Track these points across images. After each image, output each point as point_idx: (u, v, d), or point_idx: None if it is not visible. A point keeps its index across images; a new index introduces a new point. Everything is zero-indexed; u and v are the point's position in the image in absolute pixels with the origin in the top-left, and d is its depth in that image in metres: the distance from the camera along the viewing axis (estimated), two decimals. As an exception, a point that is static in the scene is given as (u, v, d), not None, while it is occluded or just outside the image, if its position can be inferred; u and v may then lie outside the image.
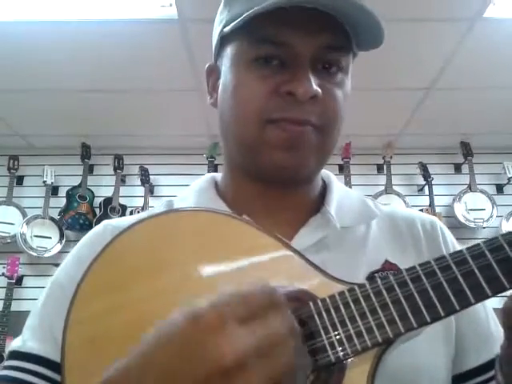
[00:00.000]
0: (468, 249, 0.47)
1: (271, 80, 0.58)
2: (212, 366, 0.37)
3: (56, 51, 2.31)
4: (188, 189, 0.71)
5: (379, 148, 3.20)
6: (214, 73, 0.68)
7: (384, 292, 0.47)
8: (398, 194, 3.17)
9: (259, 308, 0.41)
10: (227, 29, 0.60)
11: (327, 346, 0.46)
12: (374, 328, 0.46)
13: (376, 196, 3.16)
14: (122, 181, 3.24)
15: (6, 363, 0.61)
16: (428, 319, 0.46)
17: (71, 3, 2.04)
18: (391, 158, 3.19)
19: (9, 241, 3.07)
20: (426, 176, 3.17)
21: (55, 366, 0.57)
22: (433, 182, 3.16)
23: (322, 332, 0.47)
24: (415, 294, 0.46)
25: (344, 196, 0.69)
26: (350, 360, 0.47)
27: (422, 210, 3.13)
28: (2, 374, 0.59)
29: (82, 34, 2.20)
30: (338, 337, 0.47)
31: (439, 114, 2.89)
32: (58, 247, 3.08)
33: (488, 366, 0.62)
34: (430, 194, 3.14)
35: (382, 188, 3.19)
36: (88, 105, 2.80)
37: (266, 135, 0.59)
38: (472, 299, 0.46)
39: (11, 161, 3.19)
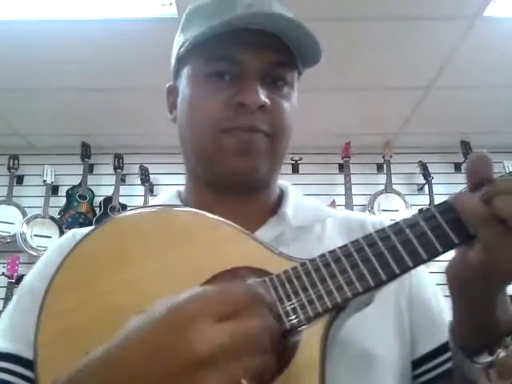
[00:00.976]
0: (404, 220, 0.53)
1: (224, 93, 0.64)
2: (185, 357, 0.40)
3: (56, 50, 2.31)
4: (152, 202, 0.77)
5: (379, 147, 3.20)
6: (173, 92, 0.75)
7: (332, 263, 0.52)
8: (398, 193, 3.17)
9: (240, 308, 0.43)
10: (182, 50, 0.67)
11: (282, 316, 0.50)
12: (324, 295, 0.51)
13: (376, 195, 3.16)
14: (122, 180, 3.24)
15: None
16: (372, 283, 0.50)
17: (71, 2, 2.04)
18: (391, 157, 3.19)
19: (9, 240, 3.07)
20: (426, 175, 3.16)
21: (28, 363, 0.59)
22: (433, 181, 3.16)
23: (278, 303, 0.51)
24: (359, 263, 0.51)
25: (299, 201, 0.75)
26: (305, 326, 0.51)
27: (421, 209, 3.12)
28: None
29: (81, 33, 2.20)
30: (292, 306, 0.51)
31: (439, 112, 2.89)
32: (58, 246, 3.08)
33: (441, 349, 0.65)
34: (430, 193, 3.14)
35: (382, 187, 3.19)
36: (88, 104, 2.80)
37: (222, 143, 0.65)
38: (410, 263, 0.50)
39: (11, 160, 3.19)
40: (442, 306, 0.70)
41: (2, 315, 0.67)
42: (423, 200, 3.21)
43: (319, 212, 0.75)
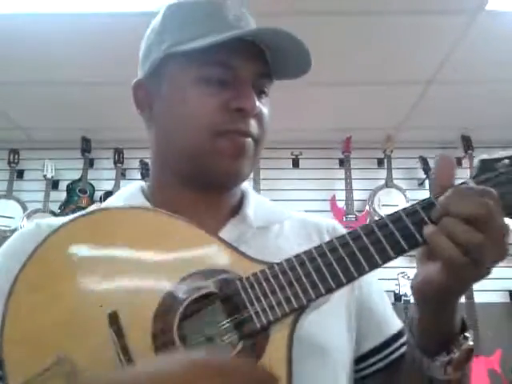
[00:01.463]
0: (360, 227, 0.57)
1: (219, 97, 0.66)
2: None
3: (56, 44, 2.30)
4: (115, 195, 0.78)
5: (380, 142, 3.20)
6: (142, 88, 0.76)
7: (297, 267, 0.56)
8: (399, 188, 3.17)
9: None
10: (180, 49, 0.67)
11: (253, 316, 0.55)
12: (291, 297, 0.55)
13: (376, 190, 3.16)
14: (122, 174, 3.24)
15: None
16: (333, 286, 0.55)
17: (70, -4, 2.04)
18: (392, 151, 3.19)
19: (9, 235, 3.05)
20: (427, 170, 3.16)
21: None
22: (433, 176, 3.15)
23: (248, 304, 0.55)
24: (322, 267, 0.56)
25: (259, 202, 0.79)
26: (272, 326, 0.55)
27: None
28: None
29: (81, 27, 2.19)
30: (261, 307, 0.55)
31: (440, 107, 2.89)
32: (59, 241, 3.08)
33: (383, 346, 0.74)
34: (431, 188, 3.14)
35: (383, 182, 3.19)
36: (88, 98, 2.80)
37: (217, 145, 0.67)
38: (367, 268, 0.55)
39: (11, 154, 3.19)
40: (387, 305, 0.79)
41: None
42: (423, 195, 3.19)
43: (278, 213, 0.79)
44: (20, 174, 3.28)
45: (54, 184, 3.24)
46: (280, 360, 0.54)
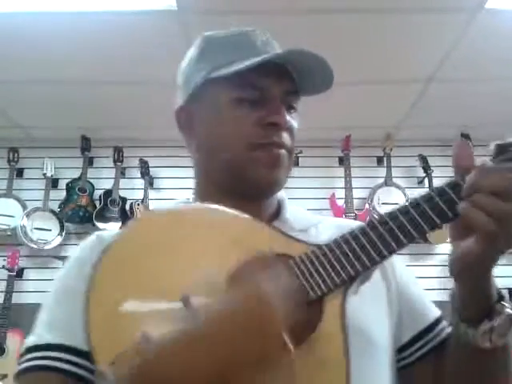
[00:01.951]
0: (397, 208, 0.64)
1: (254, 114, 0.75)
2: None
3: (56, 43, 2.30)
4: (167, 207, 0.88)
5: (379, 140, 3.20)
6: (183, 111, 0.83)
7: (343, 244, 0.64)
8: (398, 187, 3.17)
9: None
10: (217, 75, 0.76)
11: (309, 289, 0.62)
12: (340, 270, 0.63)
13: (376, 188, 3.17)
14: (121, 173, 3.24)
15: (27, 357, 0.69)
16: (377, 258, 0.63)
17: (70, -6, 2.04)
18: (391, 150, 3.19)
19: (9, 233, 3.07)
20: (426, 168, 3.17)
21: (75, 351, 0.66)
22: (433, 175, 3.16)
23: (302, 279, 0.63)
24: (365, 243, 0.63)
25: (294, 209, 0.86)
26: (326, 297, 0.62)
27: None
28: (29, 365, 0.68)
29: (81, 26, 2.19)
30: (315, 281, 0.62)
31: (439, 105, 2.89)
32: (59, 240, 3.09)
33: (427, 330, 0.78)
34: (430, 187, 3.14)
35: (382, 180, 3.19)
36: (88, 97, 2.80)
37: (255, 156, 0.75)
38: (404, 240, 0.62)
39: (11, 153, 3.19)
40: (422, 293, 0.84)
41: (42, 310, 0.73)
42: (423, 193, 3.21)
43: (311, 218, 0.87)
44: (20, 173, 3.28)
45: (54, 182, 3.24)
46: (335, 327, 0.62)
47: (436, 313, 0.81)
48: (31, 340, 0.70)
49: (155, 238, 0.66)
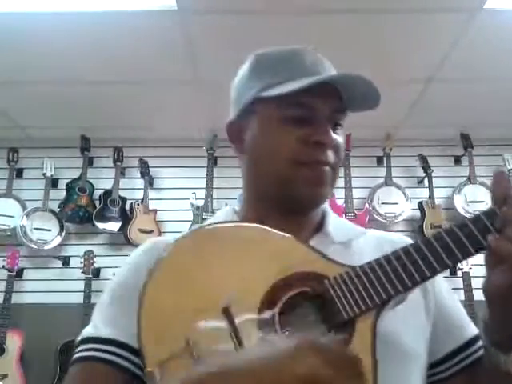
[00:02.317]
0: (432, 235, 0.66)
1: (300, 133, 0.77)
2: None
3: (55, 43, 2.30)
4: (214, 215, 0.93)
5: (379, 140, 3.20)
6: (235, 127, 0.86)
7: (377, 268, 0.66)
8: (398, 186, 3.17)
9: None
10: (269, 94, 0.78)
11: (341, 309, 0.65)
12: (373, 294, 0.64)
13: (376, 188, 3.17)
14: (121, 173, 3.24)
15: (83, 347, 0.75)
16: (410, 285, 0.64)
17: (70, -6, 2.04)
18: (391, 150, 3.19)
19: (9, 233, 3.07)
20: (426, 168, 3.17)
21: (127, 347, 0.72)
22: (433, 174, 3.16)
23: (336, 300, 0.65)
24: (398, 268, 0.65)
25: (338, 221, 0.89)
26: (358, 319, 0.64)
27: (421, 202, 3.14)
28: (84, 355, 0.74)
29: (81, 26, 2.19)
30: (347, 303, 0.65)
31: (439, 105, 2.89)
32: (58, 240, 3.09)
33: (462, 348, 0.79)
34: (430, 186, 3.15)
35: (382, 180, 3.19)
36: (87, 97, 2.80)
37: (300, 174, 0.78)
38: (439, 268, 0.64)
39: (11, 153, 3.19)
40: (461, 309, 0.85)
41: (98, 307, 0.80)
42: (423, 193, 3.21)
43: (354, 230, 0.89)
44: (19, 173, 3.28)
45: (54, 182, 3.23)
46: (365, 348, 0.64)
47: (473, 331, 0.82)
48: (88, 331, 0.76)
49: (206, 252, 0.71)
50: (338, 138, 0.81)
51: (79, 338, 0.77)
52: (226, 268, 0.69)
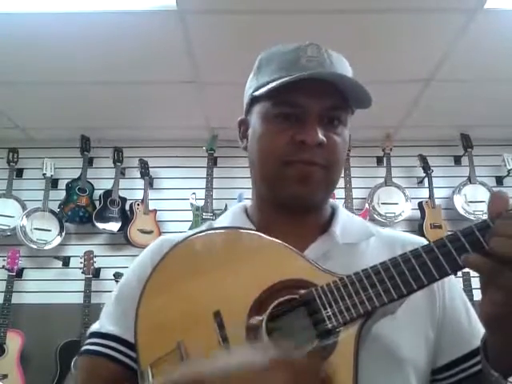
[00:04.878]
0: (434, 242, 0.65)
1: (288, 131, 0.77)
2: None
3: (56, 43, 2.30)
4: (225, 213, 0.93)
5: (379, 140, 3.20)
6: (243, 124, 0.88)
7: (364, 279, 0.66)
8: (398, 187, 3.17)
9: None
10: (256, 93, 0.80)
11: (326, 318, 0.65)
12: (358, 304, 0.65)
13: (376, 188, 3.17)
14: (121, 173, 3.24)
15: (89, 340, 0.81)
16: (395, 297, 0.64)
17: (70, -5, 2.04)
18: (391, 150, 3.19)
19: (9, 233, 3.08)
20: (426, 168, 3.17)
21: (127, 343, 0.76)
22: (432, 174, 3.16)
23: (322, 309, 0.66)
24: (385, 279, 0.65)
25: (348, 220, 0.87)
26: (342, 328, 0.65)
27: (421, 203, 3.14)
28: (88, 349, 0.80)
29: (81, 26, 2.19)
30: (332, 312, 0.65)
31: (439, 105, 2.89)
32: (58, 240, 3.09)
33: (468, 356, 0.77)
34: (430, 186, 3.15)
35: (382, 180, 3.19)
36: (87, 97, 2.80)
37: (285, 173, 0.78)
38: (425, 281, 0.64)
39: (11, 153, 3.19)
40: (471, 315, 0.82)
41: (107, 303, 0.85)
42: (423, 193, 3.21)
43: (365, 230, 0.87)
44: (19, 173, 3.28)
45: (54, 183, 3.23)
46: (346, 359, 0.64)
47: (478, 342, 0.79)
48: (96, 326, 0.82)
49: (200, 258, 0.74)
50: (334, 136, 0.79)
51: (88, 332, 0.83)
52: (218, 275, 0.71)
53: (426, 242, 0.81)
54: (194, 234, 0.77)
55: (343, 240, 0.81)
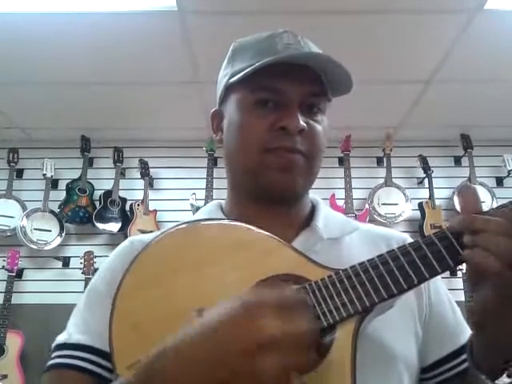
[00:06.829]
0: (422, 239, 0.62)
1: (268, 118, 0.74)
2: (248, 341, 0.49)
3: (55, 43, 2.30)
4: (197, 213, 0.88)
5: (379, 140, 3.20)
6: (217, 116, 0.85)
7: (361, 273, 0.62)
8: (398, 187, 3.17)
9: (292, 308, 0.52)
10: (232, 80, 0.77)
11: (321, 316, 0.60)
12: (355, 300, 0.60)
13: (376, 189, 3.17)
14: (121, 174, 3.24)
15: (56, 353, 0.74)
16: (395, 291, 0.60)
17: (70, -5, 2.04)
18: (391, 150, 3.19)
19: (9, 234, 3.07)
20: (426, 169, 3.16)
21: (99, 352, 0.70)
22: (433, 175, 3.16)
23: (316, 305, 0.61)
24: (384, 274, 0.61)
25: (329, 215, 0.84)
26: (338, 325, 0.61)
27: (421, 203, 3.14)
28: (56, 362, 0.73)
29: (81, 26, 2.19)
30: (328, 308, 0.60)
31: (439, 106, 2.89)
32: (58, 240, 3.08)
33: (455, 353, 0.76)
34: (430, 187, 3.14)
35: (382, 181, 3.19)
36: (87, 97, 2.80)
37: (266, 161, 0.74)
38: (427, 275, 0.60)
39: (11, 154, 3.18)
40: (456, 313, 0.81)
41: (74, 312, 0.78)
42: (423, 193, 3.21)
43: (347, 225, 0.84)
44: (19, 174, 3.28)
45: (54, 183, 3.23)
46: (345, 355, 0.61)
47: (466, 338, 0.77)
48: (62, 338, 0.75)
49: (181, 252, 0.68)
50: (315, 124, 0.77)
51: (53, 345, 0.75)
52: (203, 272, 0.66)
53: (409, 239, 0.82)
54: (171, 229, 0.71)
55: (326, 234, 0.78)
